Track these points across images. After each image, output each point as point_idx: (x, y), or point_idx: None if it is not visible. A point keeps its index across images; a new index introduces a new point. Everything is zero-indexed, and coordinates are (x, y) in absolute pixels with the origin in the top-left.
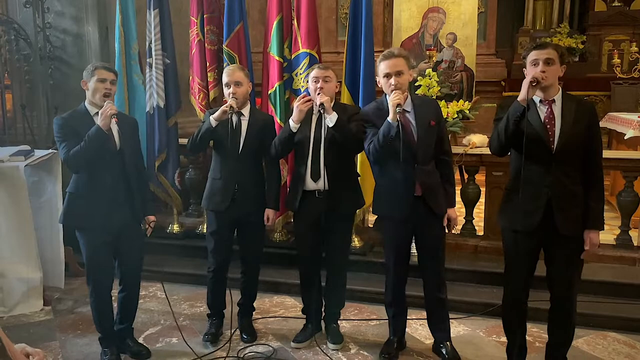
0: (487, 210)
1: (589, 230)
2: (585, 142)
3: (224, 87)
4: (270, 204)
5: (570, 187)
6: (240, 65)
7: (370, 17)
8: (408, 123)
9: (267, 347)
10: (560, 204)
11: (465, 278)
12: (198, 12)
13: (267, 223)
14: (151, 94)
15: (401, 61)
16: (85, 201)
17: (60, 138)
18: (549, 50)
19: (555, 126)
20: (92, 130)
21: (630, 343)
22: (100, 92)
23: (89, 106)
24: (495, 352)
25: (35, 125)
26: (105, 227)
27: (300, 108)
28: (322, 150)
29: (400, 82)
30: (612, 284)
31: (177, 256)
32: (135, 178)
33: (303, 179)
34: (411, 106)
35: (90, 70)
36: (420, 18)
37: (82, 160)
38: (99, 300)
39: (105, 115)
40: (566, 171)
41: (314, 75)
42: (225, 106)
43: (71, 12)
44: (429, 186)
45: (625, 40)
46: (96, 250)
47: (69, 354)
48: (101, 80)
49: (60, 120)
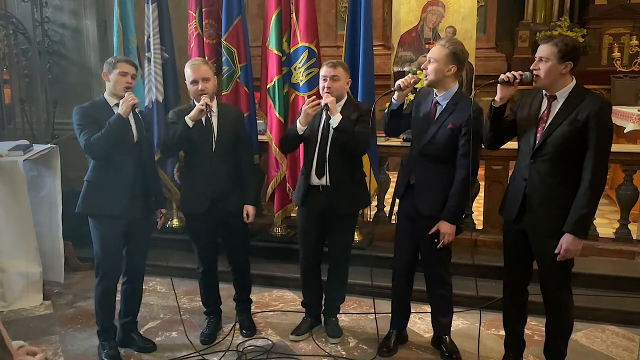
0: (486, 204)
1: (565, 234)
2: (576, 143)
3: (191, 84)
4: (249, 199)
5: (550, 184)
6: (204, 59)
7: (369, 11)
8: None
9: (266, 341)
10: (534, 200)
11: (464, 272)
12: (197, 6)
13: (247, 220)
14: (150, 88)
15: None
16: (103, 190)
17: (81, 126)
18: (545, 46)
19: (547, 123)
20: (114, 118)
21: (629, 336)
22: (121, 84)
23: (108, 97)
24: (494, 345)
25: (34, 120)
26: (122, 216)
27: (307, 112)
28: (328, 148)
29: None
30: (611, 277)
31: (177, 250)
32: (150, 171)
33: (309, 174)
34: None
35: (112, 62)
36: (419, 11)
37: (102, 146)
38: (106, 291)
39: (127, 103)
40: (550, 169)
41: (323, 74)
42: (200, 105)
43: (69, 6)
44: (424, 181)
45: (626, 34)
46: (109, 240)
47: (69, 348)
48: (123, 73)
49: (81, 109)
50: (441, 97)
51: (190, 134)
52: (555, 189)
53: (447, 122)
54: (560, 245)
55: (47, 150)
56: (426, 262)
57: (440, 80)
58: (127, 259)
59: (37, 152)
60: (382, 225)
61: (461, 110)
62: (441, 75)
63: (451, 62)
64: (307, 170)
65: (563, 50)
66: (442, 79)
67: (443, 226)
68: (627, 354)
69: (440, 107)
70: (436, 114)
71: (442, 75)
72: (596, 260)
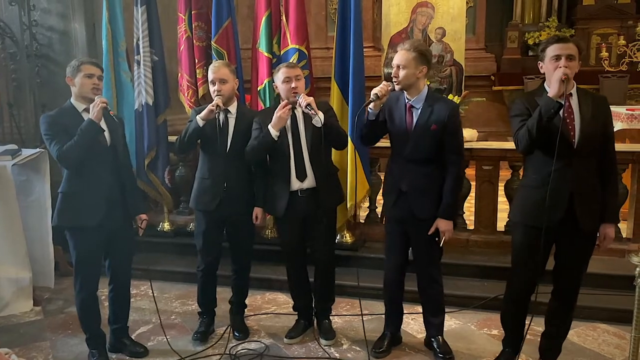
0: (477, 204)
1: (605, 225)
2: (602, 137)
3: (210, 84)
4: (258, 202)
5: (589, 181)
6: (227, 62)
7: (359, 13)
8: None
9: (259, 344)
10: (582, 199)
11: (456, 272)
12: (186, 8)
13: (256, 222)
14: (140, 91)
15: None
16: (79, 200)
17: (50, 136)
18: (570, 45)
19: (575, 121)
20: (85, 124)
21: (620, 334)
22: (88, 87)
23: (75, 102)
24: (487, 345)
25: (23, 124)
26: (101, 226)
27: (281, 116)
28: (306, 149)
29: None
30: (601, 275)
31: (168, 254)
32: (127, 175)
33: (288, 179)
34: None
35: (75, 66)
36: (409, 13)
37: (76, 155)
38: (86, 301)
39: (97, 107)
40: (586, 166)
41: (286, 75)
42: (212, 105)
43: (57, 9)
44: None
45: (613, 34)
46: (88, 250)
47: (60, 354)
48: (88, 75)
49: (48, 118)
50: (415, 100)
51: (203, 133)
52: (594, 183)
53: (429, 123)
54: (605, 235)
55: (35, 155)
56: (419, 263)
57: (413, 84)
58: (111, 267)
59: (25, 157)
60: (374, 226)
61: (439, 109)
62: (414, 78)
63: (420, 63)
64: (284, 176)
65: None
66: (415, 81)
67: (442, 224)
68: (619, 352)
69: (417, 110)
70: (414, 118)
71: (414, 79)
72: None
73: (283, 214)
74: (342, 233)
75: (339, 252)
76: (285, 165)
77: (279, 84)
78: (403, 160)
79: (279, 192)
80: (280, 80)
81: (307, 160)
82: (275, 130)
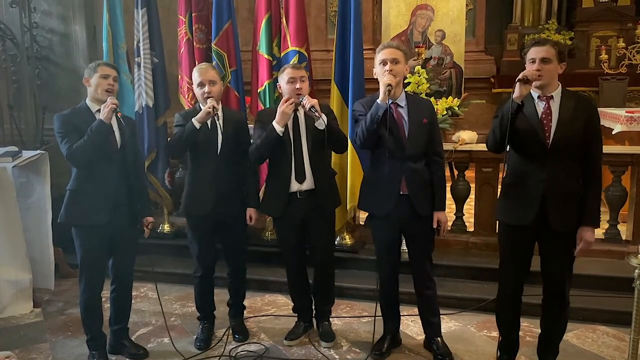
0: (477, 207)
1: (583, 227)
2: (583, 139)
3: (197, 86)
4: (251, 202)
5: (565, 182)
6: (211, 64)
7: (359, 15)
8: (400, 118)
9: (259, 346)
10: (554, 199)
11: (455, 274)
12: (186, 10)
13: (250, 222)
14: (140, 93)
15: (399, 52)
16: (87, 199)
17: (62, 134)
18: (546, 47)
19: (552, 122)
20: (95, 124)
21: (619, 336)
22: (103, 87)
23: (90, 103)
24: (487, 347)
25: (23, 126)
26: (106, 226)
27: (285, 111)
28: (306, 151)
29: (396, 69)
30: (601, 277)
31: (168, 256)
32: (136, 178)
33: (288, 181)
34: (405, 102)
35: (92, 67)
36: (408, 15)
37: (85, 154)
38: (90, 301)
39: (107, 108)
40: (562, 167)
41: (290, 76)
42: (208, 107)
43: (58, 11)
44: (416, 185)
45: (613, 36)
46: (93, 249)
47: (60, 356)
48: (104, 76)
49: (62, 117)
50: (400, 99)
51: (197, 136)
52: (571, 184)
53: (419, 117)
54: (582, 238)
55: (36, 157)
56: (417, 259)
57: (400, 80)
58: (114, 268)
59: (26, 159)
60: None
61: (420, 104)
62: (403, 75)
63: (406, 60)
64: (284, 177)
65: (559, 52)
66: (401, 78)
67: (442, 216)
68: (618, 354)
69: (403, 108)
70: (403, 116)
71: (403, 75)
72: (586, 260)
73: (281, 215)
74: (341, 235)
75: (339, 254)
76: (285, 166)
77: (284, 85)
78: (402, 161)
79: (278, 194)
80: (285, 81)
81: (306, 162)
82: (280, 126)
